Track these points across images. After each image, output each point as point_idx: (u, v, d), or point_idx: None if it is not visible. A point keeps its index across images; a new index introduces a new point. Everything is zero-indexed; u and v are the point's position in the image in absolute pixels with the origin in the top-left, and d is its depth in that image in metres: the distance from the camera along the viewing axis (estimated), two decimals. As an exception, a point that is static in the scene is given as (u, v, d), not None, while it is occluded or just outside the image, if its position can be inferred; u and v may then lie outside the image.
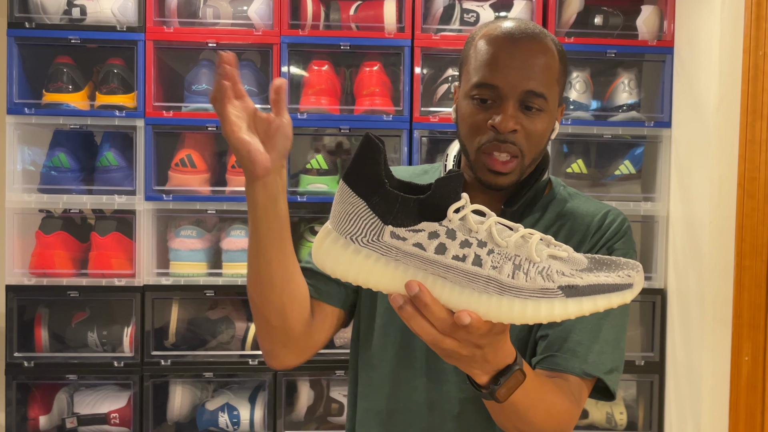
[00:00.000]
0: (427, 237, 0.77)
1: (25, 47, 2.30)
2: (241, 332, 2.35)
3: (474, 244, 0.76)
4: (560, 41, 2.29)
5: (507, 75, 1.05)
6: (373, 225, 0.77)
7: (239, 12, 2.34)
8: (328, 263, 0.81)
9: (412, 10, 2.30)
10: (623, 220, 1.13)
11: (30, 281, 2.25)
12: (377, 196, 0.77)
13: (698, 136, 2.16)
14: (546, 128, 1.08)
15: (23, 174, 2.32)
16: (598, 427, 2.38)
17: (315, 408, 2.37)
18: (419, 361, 1.13)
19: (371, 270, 0.79)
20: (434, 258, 0.77)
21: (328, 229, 0.82)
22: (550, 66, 1.07)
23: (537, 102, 1.06)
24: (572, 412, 1.02)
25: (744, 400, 2.03)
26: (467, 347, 0.80)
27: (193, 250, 2.30)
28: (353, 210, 0.78)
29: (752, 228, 2.01)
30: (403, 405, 1.13)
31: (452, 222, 0.77)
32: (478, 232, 0.77)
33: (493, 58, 1.06)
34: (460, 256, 0.76)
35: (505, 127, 1.04)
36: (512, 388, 0.88)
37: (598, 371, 1.05)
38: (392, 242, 0.77)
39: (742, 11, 2.03)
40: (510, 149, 1.06)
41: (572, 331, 1.05)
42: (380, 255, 0.78)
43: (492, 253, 0.76)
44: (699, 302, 2.12)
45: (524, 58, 1.05)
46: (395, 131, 2.31)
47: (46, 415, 2.30)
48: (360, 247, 0.78)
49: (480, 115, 1.07)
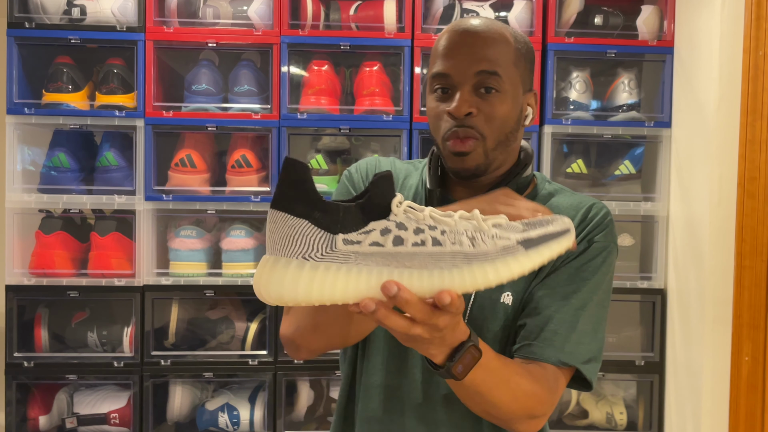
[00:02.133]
0: (380, 234, 0.78)
1: (25, 47, 2.30)
2: (241, 332, 2.35)
3: (426, 230, 0.80)
4: (560, 41, 2.31)
5: (457, 61, 1.07)
6: (323, 238, 0.78)
7: (239, 12, 2.34)
8: (285, 291, 0.78)
9: (412, 10, 2.30)
10: (606, 214, 1.13)
11: (30, 281, 2.25)
12: (317, 210, 0.77)
13: (698, 136, 2.16)
14: (508, 110, 1.08)
15: (23, 174, 2.32)
16: (598, 427, 2.38)
17: (315, 408, 2.37)
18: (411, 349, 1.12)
19: (335, 281, 0.78)
20: (396, 251, 0.78)
21: (271, 258, 0.78)
22: (503, 50, 1.08)
23: (492, 81, 1.07)
24: (542, 397, 1.02)
25: (744, 400, 2.03)
26: (430, 331, 0.82)
27: (193, 250, 2.30)
28: (295, 231, 0.77)
29: (752, 228, 2.01)
30: (398, 390, 1.14)
31: (398, 215, 0.79)
32: (424, 219, 0.80)
33: (444, 48, 1.09)
34: (419, 242, 0.79)
35: (458, 111, 1.06)
36: (468, 365, 0.90)
37: (574, 360, 1.06)
38: (348, 248, 0.78)
39: (742, 11, 2.03)
40: (469, 133, 1.07)
41: (550, 320, 1.06)
42: (340, 264, 0.78)
43: (445, 233, 0.80)
44: (699, 302, 2.12)
45: (473, 44, 1.08)
46: (395, 131, 2.31)
47: (46, 415, 2.30)
48: (316, 262, 0.77)
49: (440, 106, 1.09)
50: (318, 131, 2.38)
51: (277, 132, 2.29)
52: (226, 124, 2.29)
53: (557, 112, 2.32)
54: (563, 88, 2.38)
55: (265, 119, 2.29)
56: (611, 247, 1.11)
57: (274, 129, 2.29)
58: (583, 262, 1.08)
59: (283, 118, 2.29)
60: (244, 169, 2.29)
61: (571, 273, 1.08)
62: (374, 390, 1.15)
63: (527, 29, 2.33)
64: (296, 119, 2.28)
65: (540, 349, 1.05)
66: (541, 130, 2.33)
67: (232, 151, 2.33)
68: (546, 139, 2.31)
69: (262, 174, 2.33)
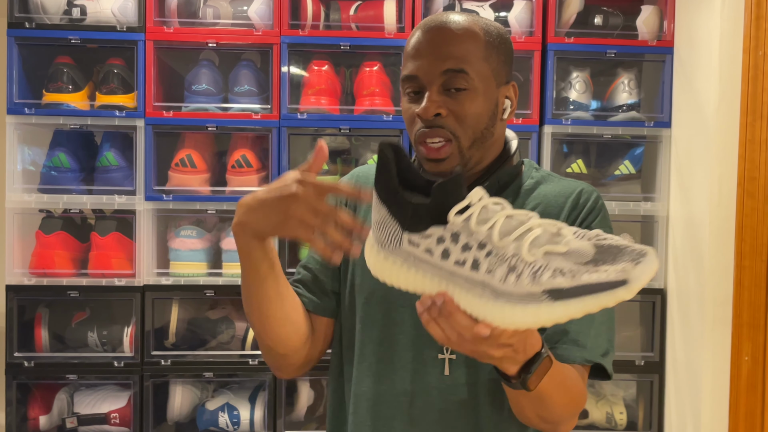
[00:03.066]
0: (435, 242, 0.78)
1: (25, 47, 2.30)
2: (241, 332, 2.35)
3: (474, 247, 0.76)
4: (560, 41, 2.31)
5: (422, 62, 1.06)
6: (395, 232, 0.81)
7: (239, 12, 2.34)
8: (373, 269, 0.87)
9: (412, 10, 2.30)
10: (597, 197, 1.13)
11: (30, 281, 2.25)
12: (394, 204, 0.80)
13: (698, 136, 2.16)
14: (479, 107, 1.06)
15: (23, 174, 2.32)
16: (598, 427, 2.38)
17: (315, 408, 2.37)
18: (399, 354, 1.12)
19: (398, 275, 0.83)
20: (440, 264, 0.79)
21: (370, 238, 0.88)
22: (468, 45, 1.06)
23: (459, 80, 1.04)
24: (585, 394, 1.05)
25: (744, 400, 2.03)
26: (497, 349, 0.82)
27: (193, 250, 2.30)
28: (381, 218, 0.83)
29: (752, 228, 2.01)
30: (387, 396, 1.13)
31: (454, 225, 0.77)
32: (479, 233, 0.76)
33: (412, 49, 1.08)
34: (460, 261, 0.77)
35: (426, 113, 1.04)
36: (541, 375, 0.89)
37: (596, 356, 1.07)
38: (409, 249, 0.80)
39: (742, 11, 2.03)
40: (440, 133, 1.05)
41: (568, 322, 1.05)
42: (402, 261, 0.82)
43: (490, 255, 0.75)
44: (699, 302, 2.12)
45: (436, 42, 1.06)
46: (395, 131, 2.32)
47: (46, 415, 2.30)
48: (387, 253, 0.83)
49: (411, 107, 1.08)
50: (318, 131, 2.38)
51: (277, 132, 2.29)
52: (226, 124, 2.29)
53: (557, 112, 2.32)
54: (563, 88, 2.38)
55: (265, 119, 2.29)
56: (608, 232, 1.11)
57: (274, 129, 2.29)
58: None
59: (283, 118, 2.29)
60: (244, 169, 2.29)
61: None
62: (362, 398, 1.15)
63: (527, 29, 2.33)
64: (296, 119, 2.28)
65: (566, 351, 1.05)
66: (541, 130, 2.33)
67: (233, 151, 2.33)
68: (546, 139, 2.31)
69: (262, 174, 2.33)
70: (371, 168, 1.22)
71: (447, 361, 1.09)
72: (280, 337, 1.10)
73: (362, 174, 1.24)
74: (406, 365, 1.11)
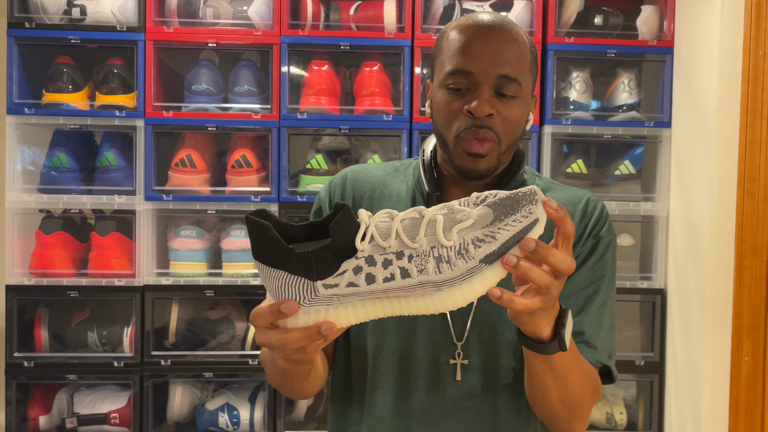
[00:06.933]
0: (353, 273, 0.79)
1: (25, 47, 2.30)
2: (241, 332, 2.35)
3: (394, 260, 0.78)
4: (560, 41, 2.31)
5: (481, 61, 1.05)
6: (305, 286, 0.79)
7: (239, 12, 2.34)
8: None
9: (412, 10, 2.30)
10: (603, 206, 1.15)
11: (30, 281, 2.25)
12: (291, 262, 0.79)
13: (698, 136, 2.16)
14: (521, 115, 1.09)
15: (23, 174, 2.32)
16: (597, 427, 2.38)
17: (315, 408, 2.37)
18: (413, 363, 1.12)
19: (334, 317, 0.81)
20: (370, 288, 0.79)
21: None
22: (522, 54, 1.08)
23: (511, 87, 1.06)
24: (599, 383, 1.06)
25: (744, 400, 2.03)
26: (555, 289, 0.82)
27: (193, 250, 2.30)
28: (280, 282, 0.80)
29: (752, 228, 2.01)
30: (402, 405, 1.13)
31: (365, 250, 0.78)
32: (391, 246, 0.78)
33: (466, 45, 1.07)
34: (389, 276, 0.78)
35: (481, 111, 1.04)
36: (569, 333, 0.91)
37: (605, 359, 1.08)
38: (329, 292, 0.80)
39: (742, 11, 2.03)
40: (487, 135, 1.06)
41: (582, 325, 1.07)
42: (327, 306, 0.81)
43: (413, 259, 0.78)
44: (699, 302, 2.12)
45: (497, 43, 1.06)
46: (395, 131, 2.31)
47: (46, 415, 2.30)
48: (306, 308, 0.81)
49: (456, 102, 1.07)
50: (318, 131, 2.38)
51: (277, 132, 2.29)
52: (226, 124, 2.29)
53: (557, 112, 2.33)
54: (563, 88, 2.38)
55: (265, 119, 2.29)
56: (613, 239, 1.13)
57: (274, 129, 2.29)
58: (595, 260, 1.10)
59: (283, 118, 2.29)
60: (244, 169, 2.29)
61: (588, 274, 1.09)
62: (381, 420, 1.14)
63: (527, 29, 2.33)
64: (296, 119, 2.29)
65: (580, 350, 1.05)
66: (541, 130, 2.33)
67: (232, 151, 2.33)
68: (546, 139, 2.31)
69: (262, 174, 2.33)
70: (357, 168, 1.21)
71: (459, 366, 1.09)
72: (305, 390, 1.12)
73: (352, 175, 1.21)
74: (420, 374, 1.11)
